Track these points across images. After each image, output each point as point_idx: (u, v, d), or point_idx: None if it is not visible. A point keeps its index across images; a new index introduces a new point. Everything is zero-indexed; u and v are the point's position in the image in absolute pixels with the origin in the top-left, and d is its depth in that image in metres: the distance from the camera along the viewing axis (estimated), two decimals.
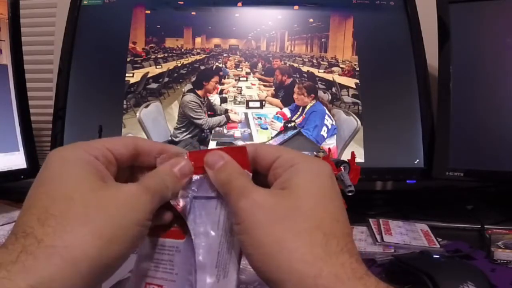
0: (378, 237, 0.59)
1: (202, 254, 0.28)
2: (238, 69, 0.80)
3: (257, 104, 0.78)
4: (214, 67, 0.80)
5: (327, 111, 0.77)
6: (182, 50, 0.81)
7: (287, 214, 0.25)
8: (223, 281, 0.27)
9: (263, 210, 0.25)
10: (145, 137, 0.75)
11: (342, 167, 0.51)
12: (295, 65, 0.80)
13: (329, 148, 0.74)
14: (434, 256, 0.51)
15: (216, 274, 0.27)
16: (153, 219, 0.27)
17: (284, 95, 0.78)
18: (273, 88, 0.79)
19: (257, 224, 0.25)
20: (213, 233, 0.28)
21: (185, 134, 0.76)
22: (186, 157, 0.29)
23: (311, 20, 0.80)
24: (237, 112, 0.78)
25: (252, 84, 0.79)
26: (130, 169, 0.30)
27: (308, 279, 0.23)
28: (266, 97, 0.78)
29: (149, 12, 0.80)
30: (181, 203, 0.28)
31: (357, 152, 0.58)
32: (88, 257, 0.22)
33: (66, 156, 0.26)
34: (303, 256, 0.23)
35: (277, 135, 0.76)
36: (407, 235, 0.60)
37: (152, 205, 0.26)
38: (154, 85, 0.79)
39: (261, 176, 0.29)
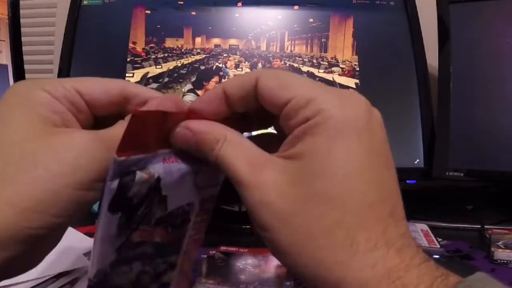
0: None
1: None
2: (238, 69, 0.80)
3: None
4: (214, 67, 0.80)
5: None
6: (182, 50, 0.81)
7: (299, 208, 0.19)
8: None
9: (270, 208, 0.20)
10: None
11: None
12: (295, 65, 0.80)
13: None
14: (434, 256, 0.51)
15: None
16: None
17: None
18: None
19: (267, 225, 0.20)
20: None
21: None
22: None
23: (311, 20, 0.80)
24: None
25: None
26: (118, 118, 0.24)
27: (332, 286, 0.19)
28: None
29: (149, 12, 0.80)
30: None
31: None
32: (2, 227, 0.19)
33: (19, 94, 0.22)
34: (323, 262, 0.19)
35: None
36: None
37: (107, 161, 0.21)
38: (154, 85, 0.79)
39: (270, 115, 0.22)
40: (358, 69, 0.78)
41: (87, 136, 0.21)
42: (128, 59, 0.79)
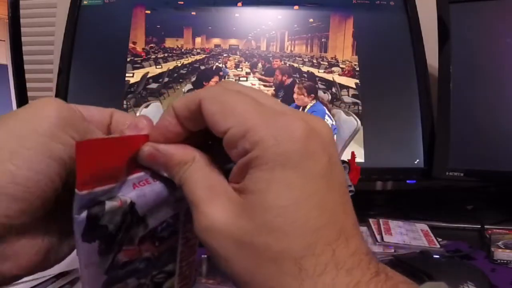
0: (378, 237, 0.59)
1: None
2: (238, 69, 0.80)
3: None
4: (214, 67, 0.80)
5: (327, 111, 0.77)
6: (182, 50, 0.81)
7: (248, 239, 0.20)
8: None
9: (220, 236, 0.20)
10: None
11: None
12: (295, 65, 0.80)
13: None
14: (434, 256, 0.51)
15: None
16: None
17: (284, 95, 0.78)
18: (273, 88, 0.79)
19: (216, 253, 0.21)
20: None
21: None
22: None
23: (311, 20, 0.80)
24: None
25: (252, 84, 0.79)
26: None
27: None
28: None
29: (149, 12, 0.80)
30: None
31: (357, 152, 0.58)
32: None
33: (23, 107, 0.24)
34: None
35: None
36: (407, 235, 0.60)
37: (71, 116, 0.22)
38: (154, 85, 0.79)
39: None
40: (358, 69, 0.78)
41: (51, 97, 0.23)
42: (128, 59, 0.79)
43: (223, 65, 0.80)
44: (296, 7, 0.80)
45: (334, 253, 0.19)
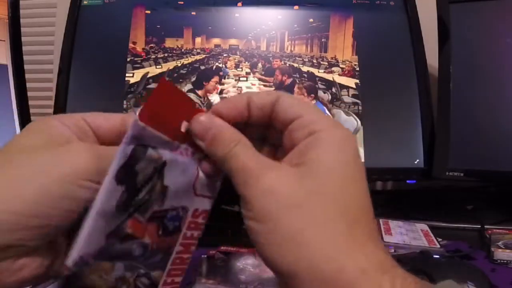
0: None
1: None
2: (238, 69, 0.80)
3: None
4: (214, 67, 0.80)
5: (327, 111, 0.77)
6: (182, 50, 0.81)
7: (306, 200, 0.22)
8: None
9: (277, 198, 0.22)
10: None
11: None
12: (295, 65, 0.80)
13: None
14: (434, 256, 0.51)
15: None
16: None
17: None
18: (273, 88, 0.79)
19: (270, 213, 0.22)
20: None
21: None
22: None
23: (311, 20, 0.80)
24: None
25: (252, 84, 0.79)
26: None
27: (330, 275, 0.21)
28: None
29: (149, 12, 0.80)
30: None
31: None
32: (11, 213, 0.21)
33: (35, 122, 0.26)
34: (324, 250, 0.21)
35: None
36: (407, 235, 0.60)
37: (97, 164, 0.23)
38: (154, 85, 0.79)
39: (275, 131, 0.27)
40: (358, 69, 0.78)
41: (81, 143, 0.25)
42: (128, 59, 0.79)
43: (223, 65, 0.80)
44: (296, 7, 0.80)
45: (371, 232, 0.23)
